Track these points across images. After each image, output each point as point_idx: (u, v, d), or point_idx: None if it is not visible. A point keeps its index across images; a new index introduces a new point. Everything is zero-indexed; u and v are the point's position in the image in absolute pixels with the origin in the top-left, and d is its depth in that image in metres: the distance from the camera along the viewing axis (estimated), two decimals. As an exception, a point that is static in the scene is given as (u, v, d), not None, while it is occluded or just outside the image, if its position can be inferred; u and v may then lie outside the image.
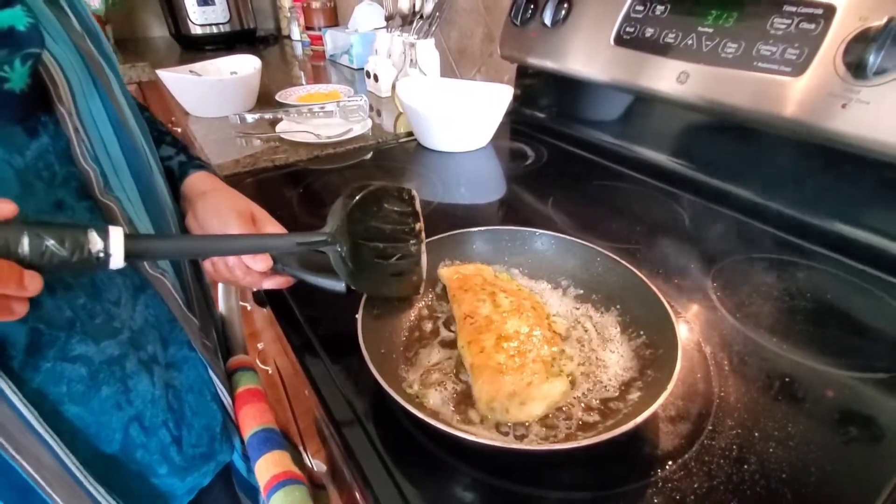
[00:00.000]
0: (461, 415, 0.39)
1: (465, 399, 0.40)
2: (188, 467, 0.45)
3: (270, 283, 0.47)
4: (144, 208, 0.40)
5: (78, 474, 0.34)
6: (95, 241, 0.28)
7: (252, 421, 0.52)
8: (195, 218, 0.47)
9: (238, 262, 0.44)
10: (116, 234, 0.29)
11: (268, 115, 0.99)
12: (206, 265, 0.48)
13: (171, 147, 0.53)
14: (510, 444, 0.34)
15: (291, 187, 0.79)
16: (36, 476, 0.32)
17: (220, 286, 0.76)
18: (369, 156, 0.92)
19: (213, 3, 1.76)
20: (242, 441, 0.52)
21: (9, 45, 0.29)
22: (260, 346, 0.90)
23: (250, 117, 0.97)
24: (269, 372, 0.86)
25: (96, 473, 0.35)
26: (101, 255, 0.28)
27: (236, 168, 0.85)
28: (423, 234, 0.45)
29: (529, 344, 0.42)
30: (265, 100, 1.20)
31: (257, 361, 0.73)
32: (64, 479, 0.33)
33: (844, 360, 0.45)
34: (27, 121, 0.32)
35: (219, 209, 0.47)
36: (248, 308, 0.82)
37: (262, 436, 0.50)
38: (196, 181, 0.51)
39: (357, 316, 0.41)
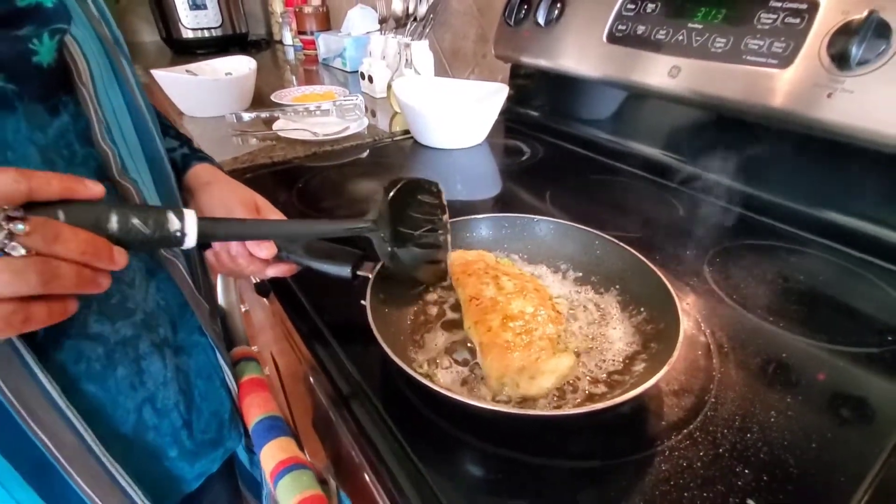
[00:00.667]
0: (471, 392, 0.40)
1: (473, 379, 0.41)
2: (198, 452, 0.45)
3: (274, 271, 0.47)
4: (157, 192, 0.40)
5: (98, 453, 0.34)
6: (174, 221, 0.30)
7: (257, 409, 0.51)
8: (198, 208, 0.48)
9: (242, 249, 0.45)
10: (191, 216, 0.31)
11: (264, 114, 0.99)
12: (209, 255, 0.49)
13: (174, 140, 0.54)
14: (524, 410, 0.35)
15: (291, 183, 0.79)
16: (57, 453, 0.32)
17: (219, 279, 0.76)
18: (366, 153, 0.93)
19: (205, 7, 1.77)
20: (247, 432, 0.52)
21: (37, 20, 0.30)
22: (255, 348, 0.89)
23: (247, 116, 0.97)
24: (267, 373, 0.85)
25: (113, 453, 0.35)
26: (178, 234, 0.31)
27: (234, 165, 0.85)
28: (449, 226, 0.46)
29: (535, 323, 0.42)
30: (260, 101, 1.20)
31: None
32: (84, 457, 0.33)
33: (837, 337, 0.47)
34: (49, 99, 0.32)
35: (224, 199, 0.48)
36: (244, 310, 0.82)
37: (267, 423, 0.50)
38: (199, 172, 0.52)
39: (364, 301, 0.42)
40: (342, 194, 0.77)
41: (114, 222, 0.28)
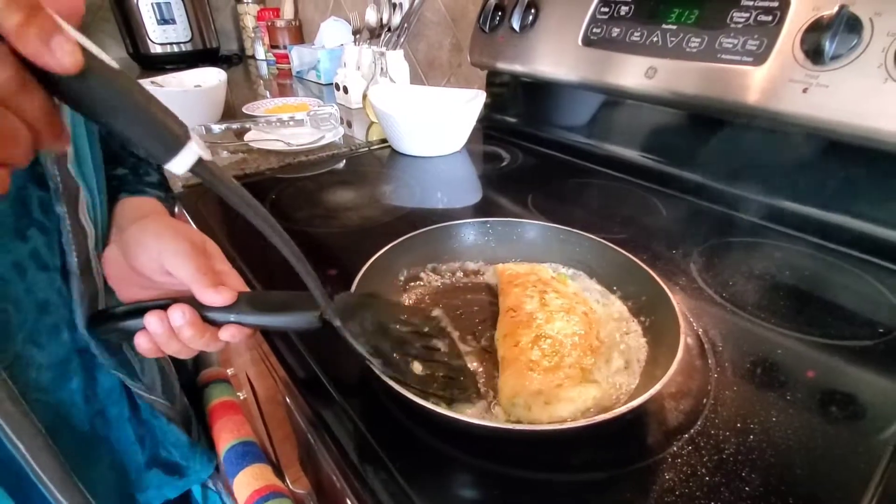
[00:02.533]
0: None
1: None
2: (152, 470, 0.43)
3: (226, 337, 0.36)
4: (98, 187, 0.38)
5: (63, 460, 0.33)
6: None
7: (229, 434, 0.48)
8: (121, 244, 0.37)
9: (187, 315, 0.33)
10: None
11: (235, 125, 0.96)
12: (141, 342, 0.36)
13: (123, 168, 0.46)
14: (519, 426, 0.32)
15: (263, 195, 0.76)
16: (31, 461, 0.30)
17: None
18: (342, 163, 0.90)
19: (174, 22, 1.73)
20: (218, 460, 0.48)
21: None
22: (230, 371, 0.85)
23: (216, 127, 0.94)
24: (243, 397, 0.81)
25: (75, 464, 0.33)
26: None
27: (203, 178, 0.81)
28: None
29: (569, 348, 0.39)
30: (231, 114, 1.17)
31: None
32: (56, 467, 0.31)
33: (829, 331, 0.46)
34: None
35: (163, 233, 0.35)
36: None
37: (239, 449, 0.47)
38: (140, 204, 0.42)
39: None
40: (318, 205, 0.74)
41: None
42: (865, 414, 0.39)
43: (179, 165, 0.24)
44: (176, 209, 0.46)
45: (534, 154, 0.93)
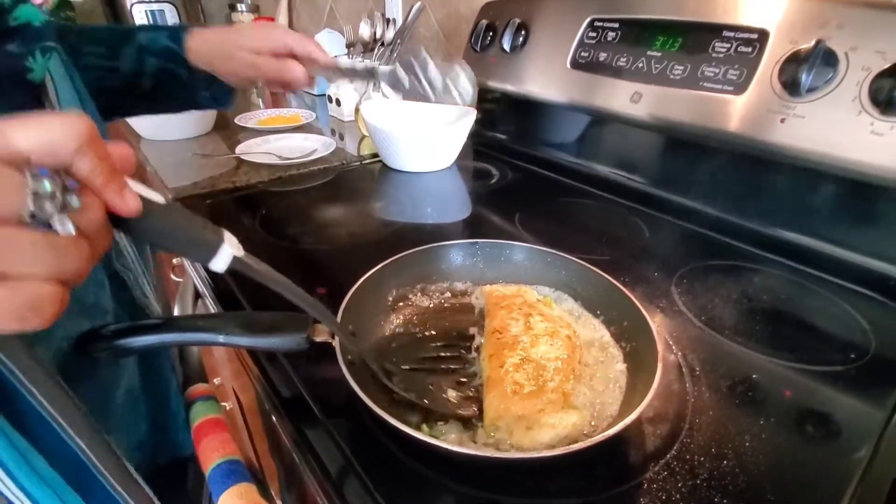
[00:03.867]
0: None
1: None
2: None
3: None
4: None
5: (115, 450, 0.33)
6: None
7: (214, 453, 0.48)
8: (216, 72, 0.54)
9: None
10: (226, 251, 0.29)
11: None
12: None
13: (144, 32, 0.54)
14: (498, 454, 0.33)
15: (254, 209, 0.77)
16: (89, 454, 0.31)
17: (177, 308, 0.72)
18: (334, 177, 0.91)
19: (167, 30, 1.73)
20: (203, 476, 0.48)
21: (27, 38, 0.33)
22: (217, 381, 0.85)
23: (209, 140, 0.94)
24: (229, 408, 0.81)
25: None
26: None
27: (194, 190, 0.82)
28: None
29: (552, 373, 0.40)
30: (223, 124, 1.17)
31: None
32: (108, 455, 0.32)
33: (803, 356, 0.47)
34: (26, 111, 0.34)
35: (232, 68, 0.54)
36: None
37: (225, 468, 0.47)
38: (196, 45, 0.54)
39: (346, 374, 0.37)
40: (308, 220, 0.75)
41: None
42: (836, 438, 0.40)
43: (219, 265, 0.29)
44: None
45: (523, 171, 0.94)
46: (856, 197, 0.59)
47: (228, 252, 0.29)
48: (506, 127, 1.04)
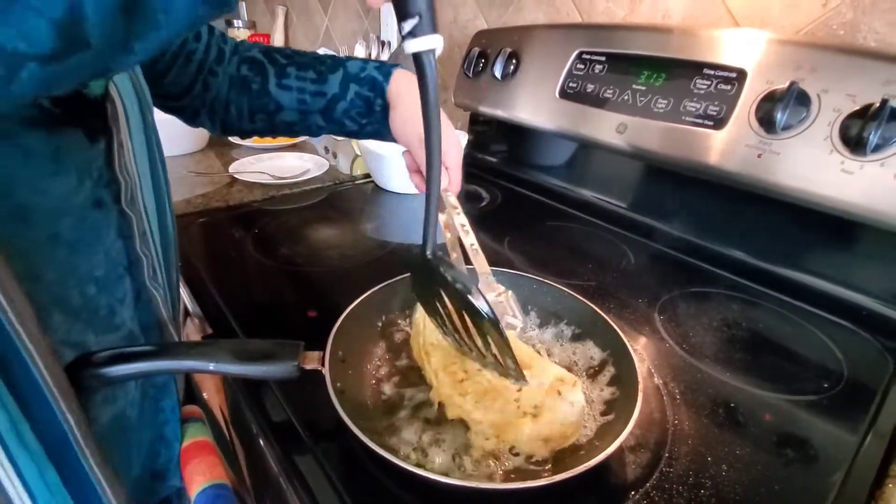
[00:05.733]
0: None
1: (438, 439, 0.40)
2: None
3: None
4: (157, 221, 0.44)
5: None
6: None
7: (201, 476, 0.48)
8: (399, 120, 0.53)
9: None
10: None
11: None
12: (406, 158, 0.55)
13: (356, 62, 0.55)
14: (483, 484, 0.34)
15: (246, 228, 0.77)
16: (76, 431, 0.32)
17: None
18: (326, 197, 0.92)
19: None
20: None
21: None
22: (205, 395, 0.84)
23: (203, 157, 0.95)
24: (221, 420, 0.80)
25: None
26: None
27: (187, 209, 0.82)
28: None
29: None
30: (218, 141, 1.18)
31: (205, 417, 0.69)
32: (91, 437, 0.33)
33: (780, 385, 0.49)
34: (89, 127, 0.35)
35: (409, 119, 0.52)
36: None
37: (210, 493, 0.47)
38: (396, 80, 0.54)
39: (337, 405, 0.37)
40: (300, 241, 0.75)
41: None
42: (811, 464, 0.41)
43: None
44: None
45: (513, 195, 0.96)
46: (831, 230, 0.61)
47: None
48: (497, 149, 1.07)
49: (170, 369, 0.41)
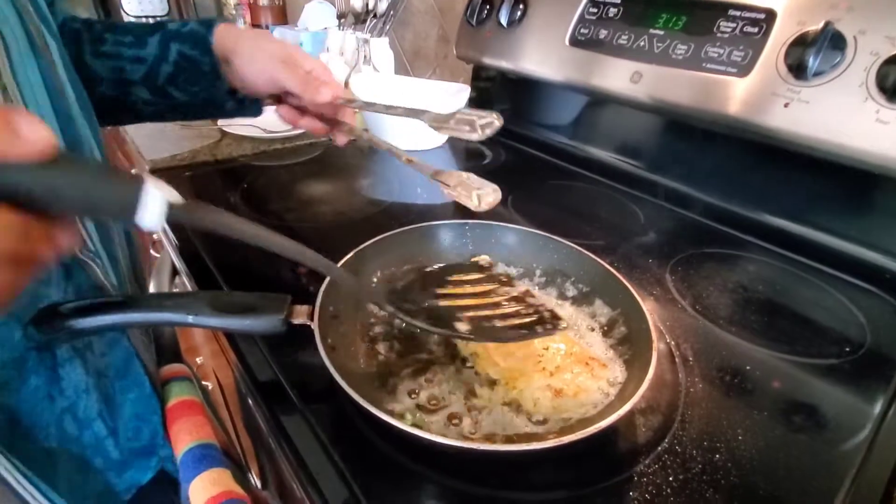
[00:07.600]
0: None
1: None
2: (125, 461, 0.41)
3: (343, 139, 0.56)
4: None
5: (9, 477, 0.30)
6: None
7: (187, 436, 0.46)
8: (237, 70, 0.48)
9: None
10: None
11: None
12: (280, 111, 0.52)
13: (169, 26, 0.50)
14: (482, 445, 0.31)
15: (234, 183, 0.73)
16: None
17: (152, 284, 0.70)
18: (321, 153, 0.87)
19: (150, -6, 1.66)
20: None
21: None
22: (199, 360, 0.82)
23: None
24: (210, 388, 0.79)
25: (38, 470, 0.32)
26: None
27: (172, 163, 0.78)
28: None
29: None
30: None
31: (194, 377, 0.67)
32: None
33: (798, 348, 0.46)
34: None
35: (257, 58, 0.48)
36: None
37: (197, 452, 0.45)
38: (221, 33, 0.49)
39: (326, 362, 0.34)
40: (291, 197, 0.71)
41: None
42: (829, 431, 0.39)
43: (151, 219, 0.23)
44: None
45: (516, 152, 0.92)
46: (856, 187, 0.57)
47: (158, 198, 0.23)
48: (501, 105, 1.01)
49: (145, 321, 0.38)
